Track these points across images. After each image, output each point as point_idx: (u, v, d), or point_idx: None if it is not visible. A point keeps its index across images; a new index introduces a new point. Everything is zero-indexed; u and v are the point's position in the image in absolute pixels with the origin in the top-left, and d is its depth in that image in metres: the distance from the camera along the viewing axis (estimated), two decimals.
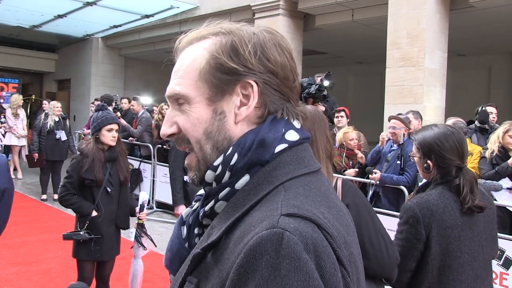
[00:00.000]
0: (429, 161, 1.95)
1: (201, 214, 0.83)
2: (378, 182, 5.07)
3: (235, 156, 0.78)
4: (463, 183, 1.87)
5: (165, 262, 0.92)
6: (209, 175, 0.81)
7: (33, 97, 12.52)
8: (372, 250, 1.72)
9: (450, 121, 5.20)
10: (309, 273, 0.64)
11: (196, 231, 0.86)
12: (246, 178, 0.78)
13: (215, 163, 0.80)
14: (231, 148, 0.79)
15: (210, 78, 0.80)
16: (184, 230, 0.89)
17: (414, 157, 2.04)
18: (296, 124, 0.84)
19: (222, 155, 0.80)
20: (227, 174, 0.79)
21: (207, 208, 0.81)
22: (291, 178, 0.76)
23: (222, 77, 0.80)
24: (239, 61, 0.79)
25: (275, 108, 0.81)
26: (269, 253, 0.64)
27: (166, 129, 0.85)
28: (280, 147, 0.79)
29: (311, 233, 0.66)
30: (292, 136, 0.81)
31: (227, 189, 0.79)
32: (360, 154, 5.48)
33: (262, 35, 0.82)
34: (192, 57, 0.83)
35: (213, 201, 0.80)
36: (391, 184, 5.04)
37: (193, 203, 0.91)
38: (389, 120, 5.28)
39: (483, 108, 5.68)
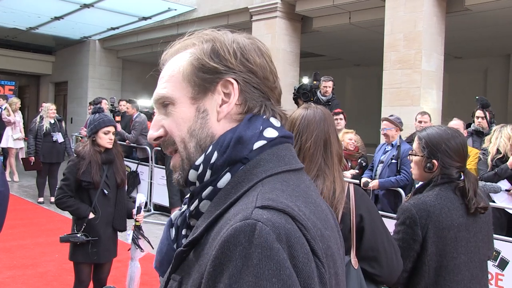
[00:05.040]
0: (434, 161, 1.93)
1: (187, 214, 0.85)
2: (377, 189, 5.11)
3: (215, 154, 0.81)
4: (468, 185, 1.87)
5: (155, 264, 0.94)
6: (192, 174, 0.84)
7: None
8: (385, 257, 1.71)
9: (453, 122, 5.19)
10: (280, 262, 0.65)
11: (183, 232, 0.88)
12: (227, 176, 0.80)
13: (197, 162, 0.84)
14: (210, 147, 0.83)
15: (193, 78, 0.85)
16: (173, 232, 0.92)
17: (413, 156, 2.01)
18: (275, 122, 0.86)
19: (203, 154, 0.83)
20: (208, 173, 0.82)
21: (192, 207, 0.84)
22: (270, 175, 0.78)
23: (204, 76, 0.84)
24: (219, 61, 0.84)
25: (255, 105, 0.84)
26: (242, 243, 0.66)
27: (153, 133, 0.89)
28: (258, 144, 0.81)
29: (284, 224, 0.68)
30: (270, 133, 0.83)
31: (210, 188, 0.81)
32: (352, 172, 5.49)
33: (242, 40, 0.87)
34: (177, 63, 0.88)
35: (197, 200, 0.83)
36: (391, 187, 5.03)
37: (182, 206, 0.93)
38: (382, 122, 5.50)
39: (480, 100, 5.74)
